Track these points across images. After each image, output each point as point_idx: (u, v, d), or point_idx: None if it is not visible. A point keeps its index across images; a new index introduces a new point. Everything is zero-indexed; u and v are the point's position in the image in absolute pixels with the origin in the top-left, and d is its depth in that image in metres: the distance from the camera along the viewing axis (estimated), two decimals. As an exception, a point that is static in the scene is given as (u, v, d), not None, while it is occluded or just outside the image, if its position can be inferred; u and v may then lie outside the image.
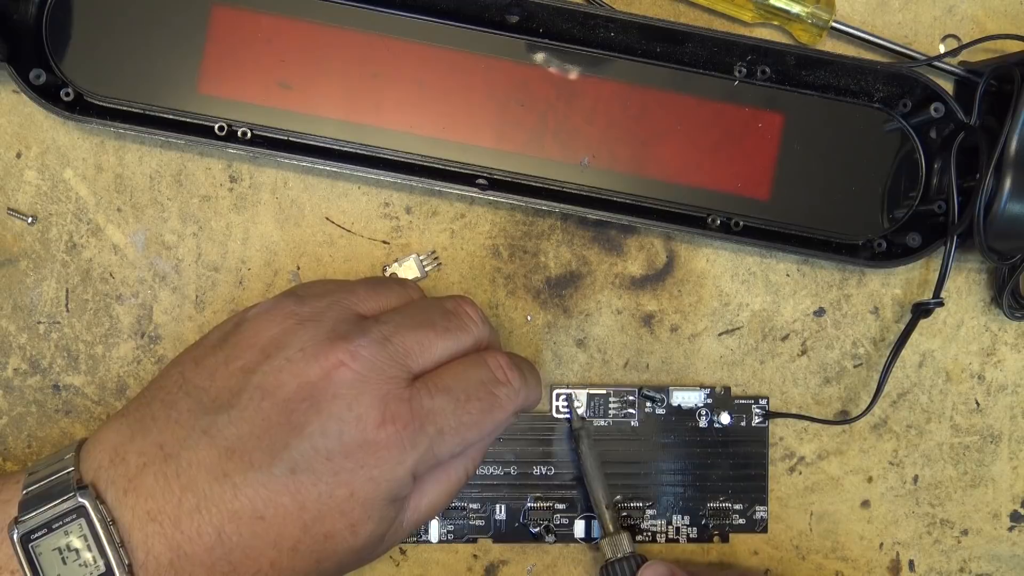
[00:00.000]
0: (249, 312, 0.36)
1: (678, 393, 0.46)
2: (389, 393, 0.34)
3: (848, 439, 0.47)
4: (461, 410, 0.35)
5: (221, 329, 0.37)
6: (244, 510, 0.32)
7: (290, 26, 0.43)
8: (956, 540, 0.48)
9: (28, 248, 0.44)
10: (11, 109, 0.44)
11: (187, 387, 0.35)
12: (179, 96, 0.43)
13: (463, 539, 0.45)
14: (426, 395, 0.35)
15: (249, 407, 0.33)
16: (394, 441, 0.33)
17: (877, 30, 0.46)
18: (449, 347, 0.37)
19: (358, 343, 0.34)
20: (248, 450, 0.33)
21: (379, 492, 0.34)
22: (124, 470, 0.33)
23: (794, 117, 0.45)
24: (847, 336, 0.47)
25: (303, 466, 0.33)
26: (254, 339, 0.35)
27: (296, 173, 0.45)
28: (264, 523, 0.33)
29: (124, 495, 0.33)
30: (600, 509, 0.44)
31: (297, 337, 0.34)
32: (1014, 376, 0.48)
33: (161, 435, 0.34)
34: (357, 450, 0.33)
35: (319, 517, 0.33)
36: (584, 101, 0.44)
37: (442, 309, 0.37)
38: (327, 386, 0.33)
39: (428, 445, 0.34)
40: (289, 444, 0.32)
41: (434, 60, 0.44)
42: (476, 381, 0.36)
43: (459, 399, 0.35)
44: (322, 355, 0.33)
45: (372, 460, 0.33)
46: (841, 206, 0.45)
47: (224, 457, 0.33)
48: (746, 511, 0.46)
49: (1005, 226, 0.42)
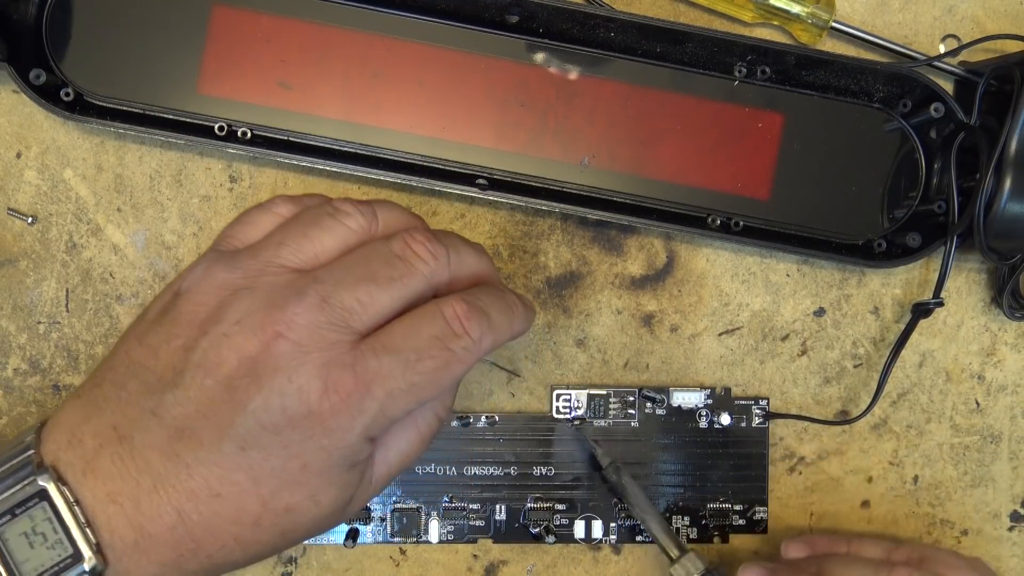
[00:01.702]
0: (184, 282, 0.35)
1: (678, 394, 0.46)
2: (331, 360, 0.32)
3: (848, 439, 0.47)
4: (411, 371, 0.33)
5: (160, 301, 0.36)
6: (200, 489, 0.32)
7: (290, 26, 0.43)
8: (956, 540, 0.48)
9: (28, 248, 0.44)
10: (11, 109, 0.44)
11: (133, 367, 0.34)
12: (179, 96, 0.43)
13: (463, 539, 0.45)
14: (371, 357, 0.33)
15: (192, 386, 0.32)
16: (339, 409, 0.32)
17: (877, 30, 0.46)
18: (397, 297, 0.34)
19: (294, 311, 0.32)
20: (196, 429, 0.32)
21: (332, 460, 0.33)
22: (81, 452, 0.33)
23: (794, 117, 0.45)
24: (847, 336, 0.47)
25: (251, 442, 0.32)
26: (191, 314, 0.34)
27: (296, 173, 0.45)
28: (222, 500, 0.32)
29: (83, 477, 0.32)
30: (660, 538, 0.43)
31: (232, 310, 0.33)
32: (1014, 376, 0.48)
33: (113, 416, 0.33)
34: (303, 422, 0.32)
35: (276, 491, 0.33)
36: (584, 101, 0.44)
37: (387, 254, 0.34)
38: (267, 359, 0.32)
39: (378, 409, 0.33)
40: (235, 421, 0.32)
41: (434, 60, 0.44)
42: (428, 337, 0.34)
43: (409, 359, 0.33)
44: (259, 327, 0.32)
45: (319, 430, 0.32)
46: (841, 206, 0.45)
47: (174, 437, 0.32)
48: (746, 511, 0.46)
49: (1005, 226, 0.42)
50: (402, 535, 0.45)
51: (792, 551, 0.44)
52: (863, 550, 0.44)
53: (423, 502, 0.45)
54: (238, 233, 0.36)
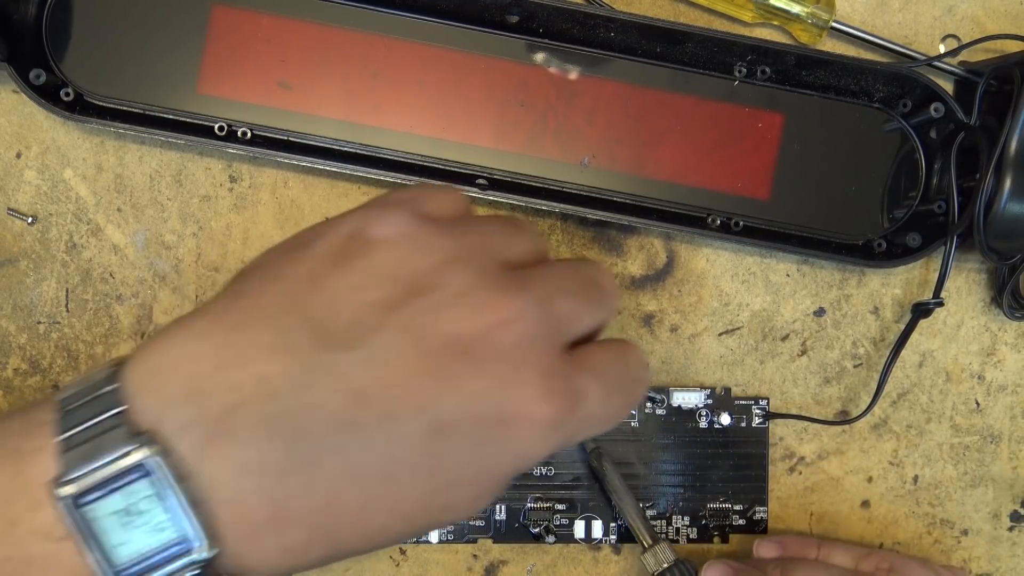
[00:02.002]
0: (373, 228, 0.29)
1: (678, 394, 0.46)
2: (551, 366, 0.28)
3: (848, 439, 0.47)
4: (607, 401, 0.30)
5: (329, 240, 0.29)
6: (370, 467, 0.27)
7: (290, 26, 0.43)
8: (956, 540, 0.48)
9: (28, 248, 0.44)
10: (11, 109, 0.44)
11: (301, 311, 0.28)
12: (179, 96, 0.43)
13: (463, 539, 0.45)
14: (581, 375, 0.29)
15: (391, 349, 0.27)
16: (550, 419, 0.28)
17: (877, 30, 0.46)
18: (595, 323, 0.31)
19: (522, 303, 0.28)
20: (387, 399, 0.27)
21: (514, 469, 0.29)
22: (208, 409, 0.26)
23: (794, 117, 0.45)
24: (847, 336, 0.47)
25: (450, 427, 0.27)
26: (393, 270, 0.28)
27: (296, 173, 0.45)
28: (389, 485, 0.27)
29: (210, 442, 0.26)
30: (635, 524, 0.44)
31: (451, 279, 0.28)
32: (1014, 376, 0.48)
33: (265, 367, 0.27)
34: (512, 421, 0.28)
35: (447, 487, 0.28)
36: (584, 101, 0.44)
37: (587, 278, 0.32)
38: (488, 344, 0.28)
39: (572, 432, 0.30)
40: (440, 399, 0.27)
41: (434, 60, 0.44)
42: (622, 373, 0.31)
43: (608, 388, 0.30)
44: (484, 307, 0.28)
45: (523, 435, 0.28)
46: (841, 206, 0.45)
47: (354, 403, 0.27)
48: (746, 511, 0.46)
49: (1005, 226, 0.42)
50: (402, 535, 0.45)
51: (763, 550, 0.44)
52: (833, 556, 0.44)
53: (423, 502, 0.45)
54: (428, 200, 0.31)
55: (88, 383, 0.28)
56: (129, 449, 0.26)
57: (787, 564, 0.42)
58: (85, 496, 0.26)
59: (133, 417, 0.26)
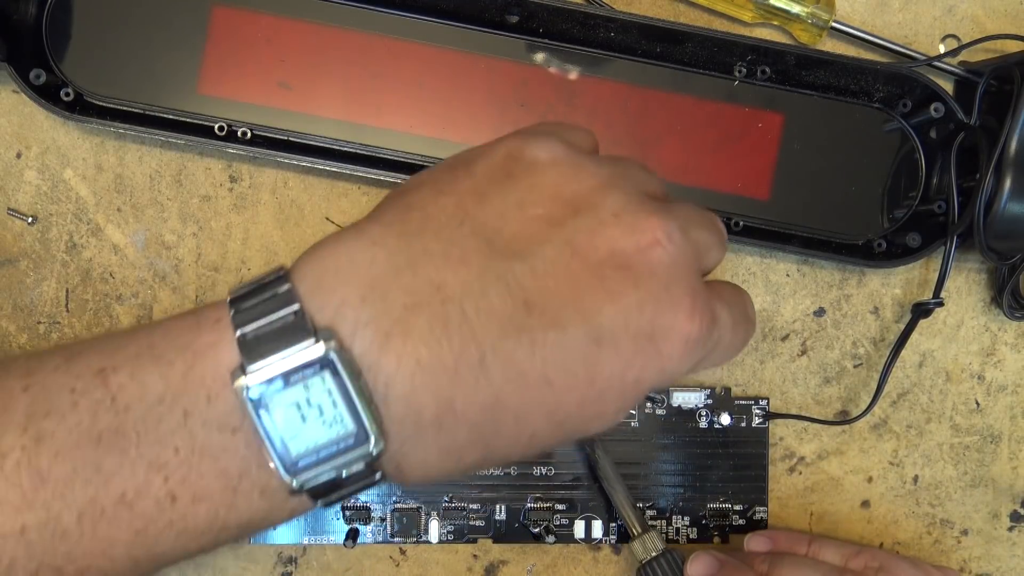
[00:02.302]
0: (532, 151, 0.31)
1: (678, 394, 0.46)
2: (695, 287, 0.30)
3: (848, 439, 0.47)
4: (735, 329, 0.32)
5: (490, 160, 0.31)
6: (534, 371, 0.28)
7: (290, 26, 0.43)
8: (956, 540, 0.48)
9: (28, 248, 0.44)
10: (11, 109, 0.44)
11: (472, 223, 0.29)
12: (179, 96, 0.43)
13: (463, 539, 0.45)
14: (716, 301, 0.31)
15: (557, 261, 0.29)
16: (695, 336, 0.30)
17: (877, 30, 0.46)
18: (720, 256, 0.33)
19: (669, 226, 0.30)
20: (553, 307, 0.28)
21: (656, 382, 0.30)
22: (385, 308, 0.27)
23: (794, 117, 0.45)
24: (847, 336, 0.47)
25: (609, 337, 0.28)
26: (554, 189, 0.30)
27: (296, 173, 0.45)
28: (549, 390, 0.29)
29: (387, 340, 0.27)
30: (625, 512, 0.44)
31: (609, 200, 0.30)
32: (1014, 376, 0.48)
33: (439, 273, 0.28)
34: (663, 335, 0.29)
35: (601, 396, 0.29)
36: (584, 101, 0.44)
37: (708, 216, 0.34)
38: (643, 261, 0.29)
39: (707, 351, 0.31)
40: (602, 310, 0.28)
41: (434, 60, 0.44)
42: (743, 308, 0.33)
43: (735, 318, 0.32)
44: (639, 228, 0.29)
45: (669, 348, 0.29)
46: (841, 206, 0.45)
47: (523, 310, 0.28)
48: (746, 511, 0.46)
49: (1005, 226, 0.42)
50: (402, 535, 0.45)
51: (754, 545, 0.45)
52: (823, 553, 0.44)
53: (423, 502, 0.45)
54: (572, 133, 0.33)
55: (258, 284, 0.29)
56: (309, 344, 0.27)
57: (775, 559, 0.42)
58: (263, 388, 0.27)
59: (309, 315, 0.28)
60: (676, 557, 0.43)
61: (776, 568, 0.42)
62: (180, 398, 0.28)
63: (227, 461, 0.28)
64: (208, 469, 0.28)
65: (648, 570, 0.43)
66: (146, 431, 0.27)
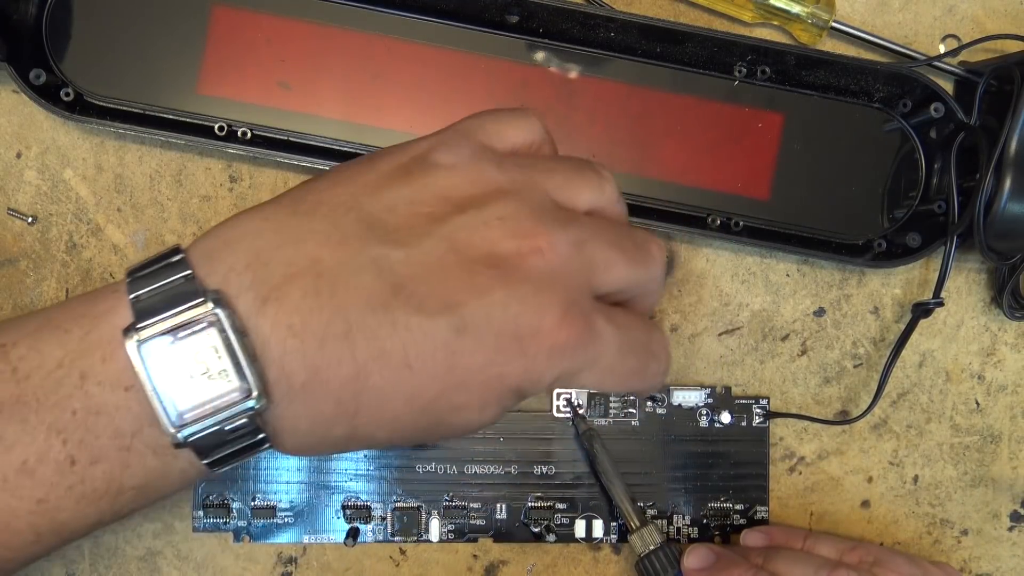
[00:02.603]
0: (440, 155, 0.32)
1: (679, 393, 0.46)
2: (574, 300, 0.31)
3: (848, 439, 0.47)
4: (621, 358, 0.32)
5: (396, 160, 0.33)
6: (395, 353, 0.29)
7: (290, 26, 0.43)
8: (956, 540, 0.48)
9: (28, 248, 0.44)
10: (11, 109, 0.44)
11: (360, 213, 0.31)
12: (179, 96, 0.43)
13: (464, 538, 0.45)
14: (601, 321, 0.32)
15: (432, 252, 0.30)
16: (562, 343, 0.30)
17: (877, 30, 0.46)
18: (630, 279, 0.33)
19: (558, 238, 0.31)
20: (420, 294, 0.29)
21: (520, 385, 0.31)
22: (265, 276, 0.29)
23: (794, 117, 0.45)
24: (847, 336, 0.47)
25: (471, 330, 0.30)
26: (447, 189, 0.31)
27: (296, 173, 0.45)
28: (408, 373, 0.30)
29: (264, 304, 0.29)
30: (624, 506, 0.44)
31: (498, 205, 0.31)
32: (1014, 376, 0.48)
33: (319, 250, 0.30)
34: (527, 338, 0.30)
35: (460, 386, 0.30)
36: (584, 101, 0.44)
37: (635, 237, 0.34)
38: (519, 264, 0.30)
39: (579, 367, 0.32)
40: (467, 303, 0.30)
41: (434, 60, 0.44)
42: (640, 342, 0.33)
43: (624, 346, 0.32)
44: (522, 233, 0.31)
45: (532, 351, 0.30)
46: (841, 206, 0.45)
47: (391, 291, 0.29)
48: (747, 511, 0.46)
49: (1005, 226, 0.42)
50: (403, 534, 0.45)
51: (750, 540, 0.45)
52: (818, 548, 0.44)
53: (424, 501, 0.45)
54: (497, 130, 0.34)
55: (154, 257, 0.31)
56: (197, 302, 0.29)
57: (770, 552, 0.43)
58: (152, 344, 0.29)
59: (200, 279, 0.29)
60: (674, 550, 0.44)
61: (771, 561, 0.42)
62: (77, 361, 0.29)
63: (121, 419, 0.29)
64: (104, 428, 0.29)
65: (646, 563, 0.44)
66: (45, 396, 0.29)
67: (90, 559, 0.44)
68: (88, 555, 0.44)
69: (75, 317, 0.30)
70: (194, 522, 0.44)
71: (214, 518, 0.44)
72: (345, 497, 0.45)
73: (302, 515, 0.45)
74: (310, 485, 0.45)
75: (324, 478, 0.45)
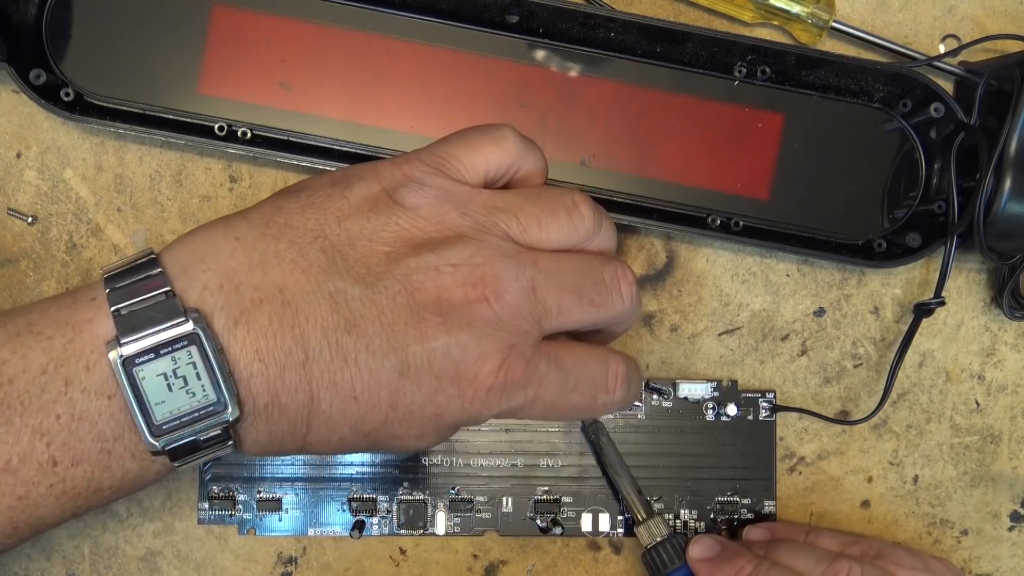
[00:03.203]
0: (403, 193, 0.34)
1: (685, 386, 0.46)
2: (516, 346, 0.33)
3: (848, 439, 0.47)
4: (563, 396, 0.35)
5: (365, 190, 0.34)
6: (344, 385, 0.32)
7: (290, 26, 0.43)
8: (956, 540, 0.48)
9: (28, 248, 0.44)
10: (11, 109, 0.44)
11: (324, 243, 0.33)
12: (179, 96, 0.43)
13: (470, 532, 0.45)
14: (544, 363, 0.34)
15: (384, 293, 0.32)
16: (499, 389, 0.33)
17: (877, 30, 0.46)
18: (587, 321, 0.36)
19: (508, 286, 0.33)
20: (370, 333, 0.32)
21: (458, 421, 0.34)
22: (236, 298, 0.32)
23: (794, 117, 0.45)
24: (847, 336, 0.47)
25: (412, 373, 0.32)
26: (407, 232, 0.34)
27: (296, 173, 0.45)
28: (355, 404, 0.32)
29: (235, 326, 0.32)
30: (630, 498, 0.44)
31: (453, 250, 0.33)
32: (1014, 376, 0.48)
33: (284, 278, 0.32)
34: (464, 382, 0.33)
35: (401, 419, 0.33)
36: (584, 101, 0.44)
37: (599, 277, 0.36)
38: (465, 313, 0.33)
39: (519, 405, 0.34)
40: (410, 347, 0.32)
41: (434, 60, 0.44)
42: (589, 378, 0.35)
43: (567, 384, 0.35)
44: (472, 282, 0.33)
45: (470, 395, 0.33)
46: (841, 206, 0.45)
47: (344, 328, 0.32)
48: (754, 505, 0.46)
49: (1005, 226, 0.42)
50: (409, 527, 0.45)
51: (753, 535, 0.45)
52: (820, 541, 0.45)
53: (430, 494, 0.45)
54: (469, 160, 0.36)
55: (131, 265, 0.33)
56: (178, 321, 0.31)
57: (773, 545, 0.43)
58: (137, 358, 0.31)
59: (179, 296, 0.32)
60: (680, 541, 0.44)
61: (773, 552, 0.42)
62: (61, 368, 0.31)
63: (103, 425, 0.31)
64: (87, 433, 0.31)
65: (653, 554, 0.44)
66: (30, 400, 0.31)
67: (90, 559, 0.44)
68: (88, 555, 0.44)
69: (57, 324, 0.32)
70: (199, 514, 0.44)
71: (219, 510, 0.44)
72: (351, 490, 0.45)
73: (307, 508, 0.45)
74: (315, 478, 0.45)
75: (329, 471, 0.45)
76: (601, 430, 0.45)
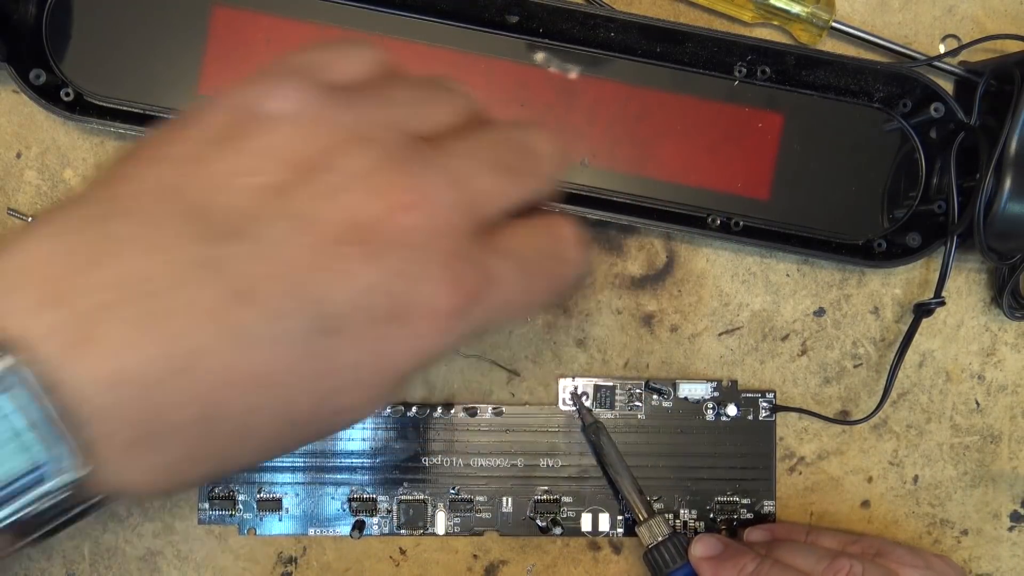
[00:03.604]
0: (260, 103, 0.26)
1: (685, 385, 0.46)
2: (459, 251, 0.26)
3: (848, 439, 0.47)
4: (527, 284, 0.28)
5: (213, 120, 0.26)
6: (252, 372, 0.24)
7: (290, 26, 0.43)
8: (956, 540, 0.48)
9: (28, 248, 0.44)
10: (11, 109, 0.44)
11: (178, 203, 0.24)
12: (179, 96, 0.43)
13: (470, 532, 0.45)
14: (494, 257, 0.27)
15: (277, 240, 0.24)
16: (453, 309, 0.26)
17: (877, 30, 0.46)
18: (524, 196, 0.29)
19: (428, 181, 0.26)
20: (271, 296, 0.24)
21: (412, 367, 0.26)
22: (71, 313, 0.23)
23: (794, 117, 0.45)
24: (847, 336, 0.47)
25: (339, 327, 0.25)
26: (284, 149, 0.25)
27: (296, 173, 0.45)
28: (272, 392, 0.25)
29: (75, 348, 0.23)
30: (631, 498, 0.44)
31: (350, 158, 0.25)
32: (1014, 376, 0.48)
33: (135, 262, 0.23)
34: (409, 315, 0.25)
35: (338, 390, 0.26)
36: (584, 101, 0.44)
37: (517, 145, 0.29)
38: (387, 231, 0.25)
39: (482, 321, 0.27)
40: (329, 296, 0.24)
41: (434, 60, 0.44)
42: (547, 253, 0.29)
43: (526, 270, 0.28)
44: (385, 189, 0.25)
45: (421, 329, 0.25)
46: (841, 206, 0.45)
47: (234, 301, 0.24)
48: (754, 505, 0.46)
49: (1005, 226, 0.42)
50: (408, 527, 0.45)
51: (753, 536, 0.45)
52: (820, 540, 0.45)
53: (429, 494, 0.45)
54: (333, 63, 0.28)
55: None
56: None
57: (774, 544, 0.43)
58: None
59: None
60: (681, 541, 0.44)
61: (774, 551, 0.42)
62: None
63: None
64: None
65: (655, 554, 0.44)
66: None
67: (90, 559, 0.44)
68: (88, 555, 0.44)
69: None
70: (199, 514, 0.44)
71: (219, 510, 0.44)
72: (351, 490, 0.45)
73: (307, 508, 0.45)
74: (315, 478, 0.45)
75: (329, 472, 0.45)
76: (602, 430, 0.45)
